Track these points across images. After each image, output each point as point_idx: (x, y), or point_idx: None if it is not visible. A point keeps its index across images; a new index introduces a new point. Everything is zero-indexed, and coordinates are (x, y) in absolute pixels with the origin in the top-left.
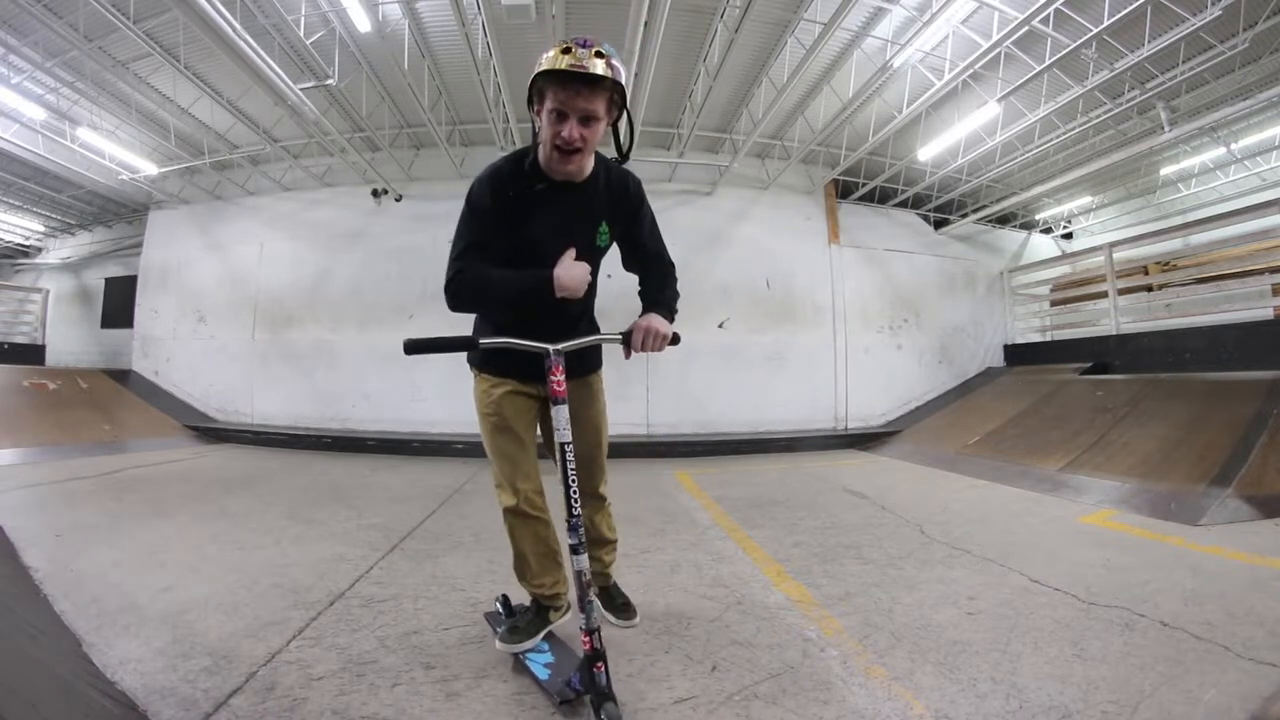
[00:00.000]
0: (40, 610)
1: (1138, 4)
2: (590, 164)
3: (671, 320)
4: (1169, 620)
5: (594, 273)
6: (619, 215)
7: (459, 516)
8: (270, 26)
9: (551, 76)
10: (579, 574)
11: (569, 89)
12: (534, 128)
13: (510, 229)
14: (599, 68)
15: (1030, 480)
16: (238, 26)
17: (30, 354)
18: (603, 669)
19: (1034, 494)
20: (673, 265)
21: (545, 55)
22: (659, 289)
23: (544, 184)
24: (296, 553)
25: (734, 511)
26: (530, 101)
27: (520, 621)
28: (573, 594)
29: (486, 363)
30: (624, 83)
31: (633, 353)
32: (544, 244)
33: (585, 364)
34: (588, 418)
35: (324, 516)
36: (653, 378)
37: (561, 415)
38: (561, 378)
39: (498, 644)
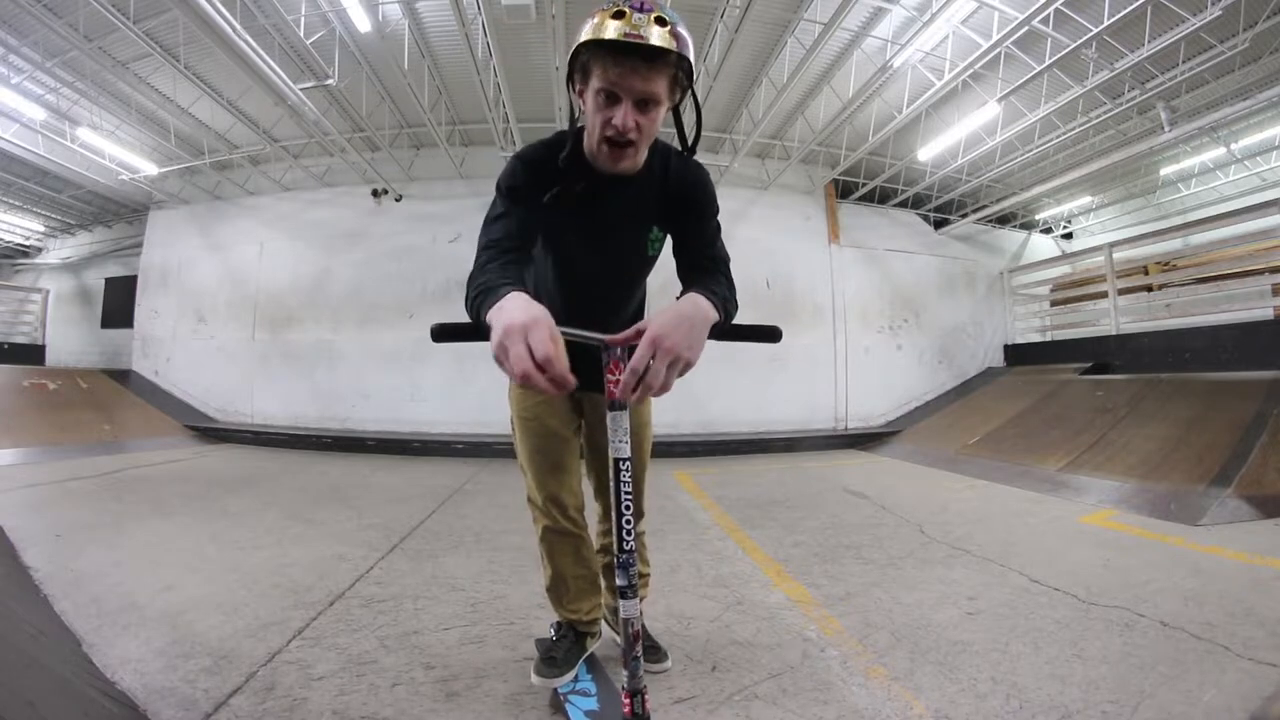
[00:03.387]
0: (40, 610)
1: (1138, 4)
2: (643, 155)
3: (722, 312)
4: (1169, 620)
5: (641, 284)
6: (678, 216)
7: (459, 516)
8: (270, 26)
9: (601, 48)
10: (626, 622)
11: (623, 65)
12: (573, 112)
13: (541, 234)
14: (661, 38)
15: (1030, 480)
16: (238, 26)
17: (30, 354)
18: None
19: (1034, 494)
20: (727, 264)
21: (590, 20)
22: (706, 280)
23: (583, 184)
24: (296, 553)
25: (734, 511)
26: (570, 79)
27: (557, 651)
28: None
29: None
30: (690, 56)
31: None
32: (579, 254)
33: None
34: (640, 425)
35: (324, 516)
36: None
37: (620, 424)
38: (620, 377)
39: (534, 677)
